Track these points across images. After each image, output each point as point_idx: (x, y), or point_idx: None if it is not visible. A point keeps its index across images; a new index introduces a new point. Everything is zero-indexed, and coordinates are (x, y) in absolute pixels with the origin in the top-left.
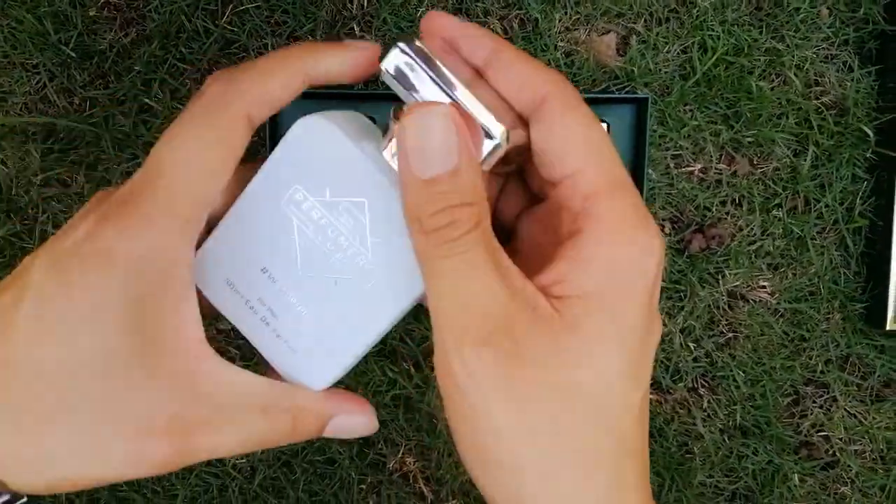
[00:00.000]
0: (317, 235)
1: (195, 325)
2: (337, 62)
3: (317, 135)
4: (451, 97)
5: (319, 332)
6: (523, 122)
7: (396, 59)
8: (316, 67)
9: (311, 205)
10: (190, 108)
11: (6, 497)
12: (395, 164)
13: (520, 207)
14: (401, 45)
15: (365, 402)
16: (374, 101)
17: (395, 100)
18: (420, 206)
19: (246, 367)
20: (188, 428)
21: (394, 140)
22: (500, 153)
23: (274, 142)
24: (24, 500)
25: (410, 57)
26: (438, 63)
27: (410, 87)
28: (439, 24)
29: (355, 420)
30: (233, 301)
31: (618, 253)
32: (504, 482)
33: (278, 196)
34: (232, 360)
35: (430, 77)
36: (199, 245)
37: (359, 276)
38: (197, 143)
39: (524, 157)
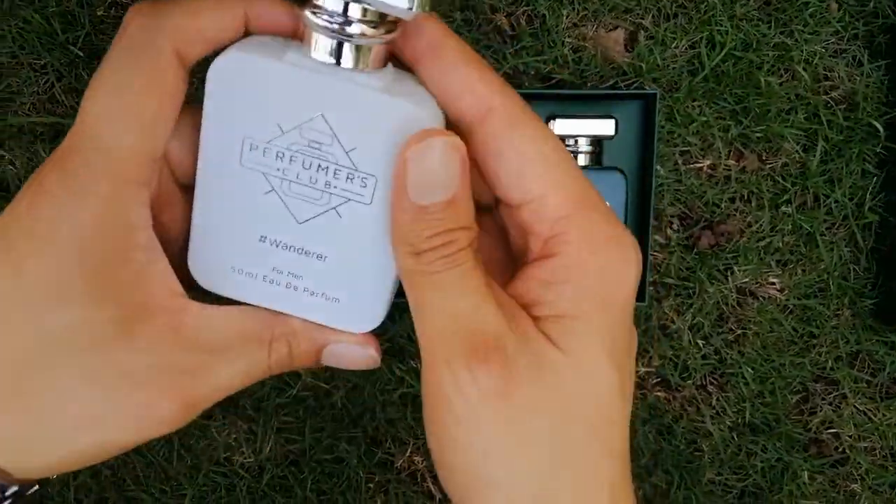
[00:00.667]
0: (293, 175)
1: (168, 282)
2: (287, 18)
3: (233, 74)
4: None
5: (349, 268)
6: (460, 132)
7: None
8: (260, 17)
9: (269, 148)
10: (111, 53)
11: (14, 489)
12: (326, 60)
13: None
14: None
15: (368, 336)
16: None
17: None
18: (414, 230)
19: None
20: (186, 379)
21: (320, 38)
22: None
23: None
24: (36, 487)
25: None
26: None
27: None
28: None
29: (352, 349)
30: (249, 285)
31: (595, 274)
32: (496, 499)
33: (231, 159)
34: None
35: None
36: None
37: (355, 192)
38: (124, 92)
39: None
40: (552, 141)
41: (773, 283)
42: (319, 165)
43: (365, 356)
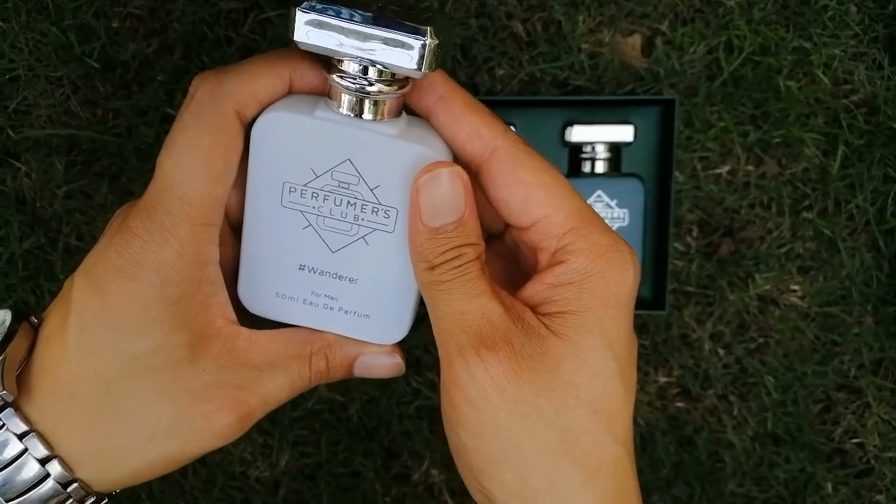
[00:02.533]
0: (327, 211)
1: (227, 311)
2: (320, 79)
3: (274, 129)
4: (366, 38)
5: (377, 288)
6: (469, 169)
7: (304, 28)
8: (301, 78)
9: (305, 190)
10: (183, 115)
11: (92, 499)
12: (350, 114)
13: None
14: (300, 9)
15: (395, 346)
16: None
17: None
18: (429, 248)
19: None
20: (240, 393)
21: (345, 96)
22: (428, 56)
23: None
24: (106, 501)
25: (316, 13)
26: (343, 8)
27: (329, 52)
28: None
29: (381, 360)
30: (291, 308)
31: (597, 276)
32: (508, 481)
33: (273, 201)
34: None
35: (343, 29)
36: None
37: (380, 223)
38: (197, 151)
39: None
40: (550, 169)
41: (795, 291)
42: (349, 202)
43: (392, 364)
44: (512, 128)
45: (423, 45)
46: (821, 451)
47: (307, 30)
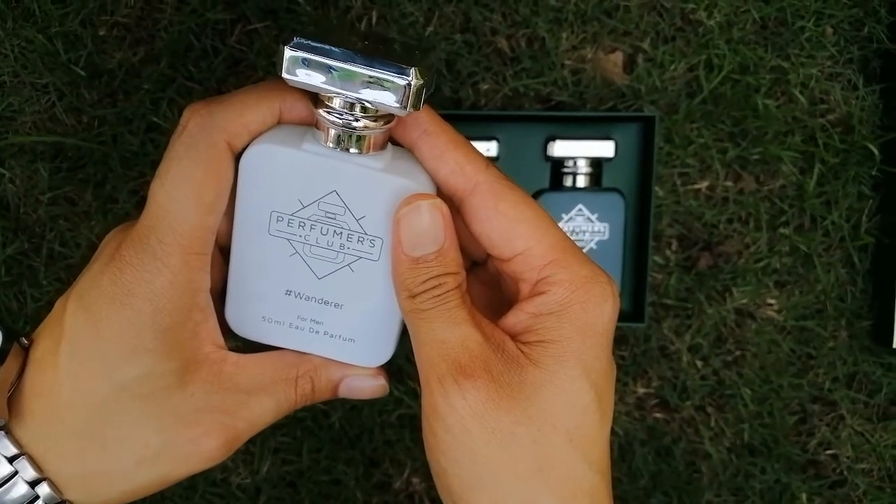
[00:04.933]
0: (313, 240)
1: (216, 336)
2: (309, 111)
3: (262, 160)
4: (352, 77)
5: (362, 313)
6: (452, 203)
7: (292, 66)
8: (291, 110)
9: (292, 220)
10: (175, 146)
11: None
12: (337, 147)
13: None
14: (287, 47)
15: (379, 369)
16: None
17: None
18: (409, 277)
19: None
20: (227, 418)
21: (331, 130)
22: (413, 91)
23: None
24: None
25: (303, 51)
26: (330, 47)
27: (316, 89)
28: None
29: (366, 381)
30: (277, 331)
31: (577, 307)
32: (484, 502)
33: (261, 229)
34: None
35: (329, 67)
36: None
37: (365, 251)
38: (189, 183)
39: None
40: (531, 203)
41: (771, 304)
42: (335, 231)
43: (376, 386)
44: (495, 142)
45: (408, 86)
46: (796, 462)
47: (294, 68)
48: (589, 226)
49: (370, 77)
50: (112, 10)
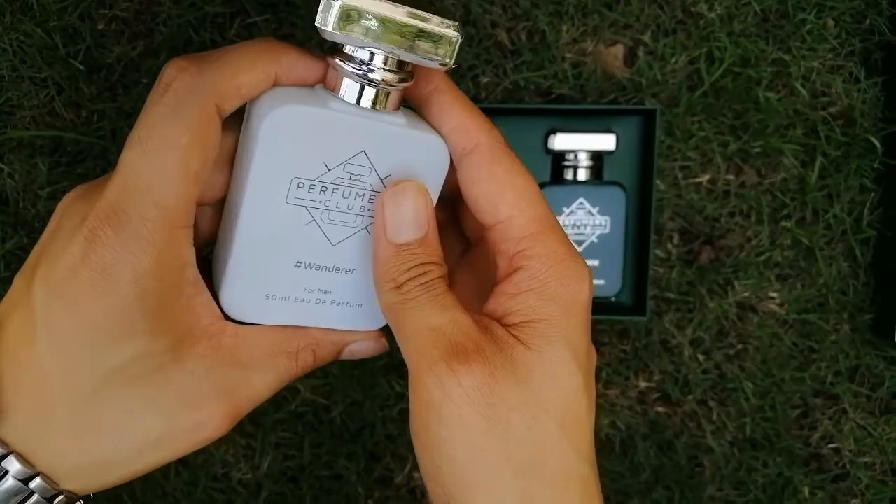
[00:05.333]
0: (333, 205)
1: (210, 310)
2: (311, 72)
3: (287, 124)
4: (407, 25)
5: (370, 276)
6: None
7: (342, 19)
8: (289, 73)
9: (314, 185)
10: (157, 108)
11: (79, 501)
12: (367, 105)
13: (456, 255)
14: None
15: (380, 331)
16: None
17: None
18: (394, 265)
19: None
20: (228, 392)
21: (367, 87)
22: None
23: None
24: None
25: (356, 2)
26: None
27: (362, 43)
28: None
29: (368, 344)
30: (280, 308)
31: (555, 283)
32: (481, 500)
33: (278, 196)
34: None
35: (382, 18)
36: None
37: None
38: (174, 150)
39: (456, 196)
40: (524, 174)
41: (773, 298)
42: (357, 193)
43: (378, 346)
44: None
45: (457, 39)
46: (798, 455)
47: (344, 21)
48: (590, 219)
49: (421, 30)
50: (111, 3)
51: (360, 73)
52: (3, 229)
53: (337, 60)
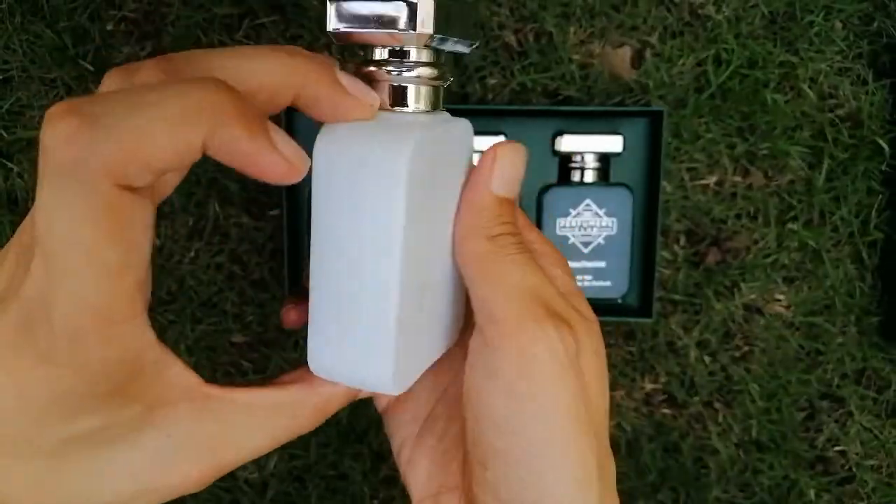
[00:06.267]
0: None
1: (184, 380)
2: (254, 145)
3: (420, 156)
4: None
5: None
6: None
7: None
8: (225, 144)
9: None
10: (43, 191)
11: None
12: (427, 109)
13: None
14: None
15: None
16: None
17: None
18: (491, 215)
19: (262, 378)
20: (211, 449)
21: (422, 88)
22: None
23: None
24: None
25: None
26: None
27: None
28: None
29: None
30: (420, 357)
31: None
32: (561, 460)
33: (423, 238)
34: (245, 373)
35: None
36: None
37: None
38: (77, 248)
39: None
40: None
41: (780, 300)
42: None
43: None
44: (502, 137)
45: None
46: (804, 458)
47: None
48: (597, 220)
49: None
50: (120, 4)
51: (434, 75)
52: (12, 229)
53: (397, 70)
